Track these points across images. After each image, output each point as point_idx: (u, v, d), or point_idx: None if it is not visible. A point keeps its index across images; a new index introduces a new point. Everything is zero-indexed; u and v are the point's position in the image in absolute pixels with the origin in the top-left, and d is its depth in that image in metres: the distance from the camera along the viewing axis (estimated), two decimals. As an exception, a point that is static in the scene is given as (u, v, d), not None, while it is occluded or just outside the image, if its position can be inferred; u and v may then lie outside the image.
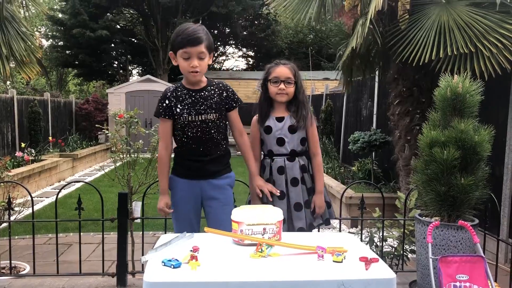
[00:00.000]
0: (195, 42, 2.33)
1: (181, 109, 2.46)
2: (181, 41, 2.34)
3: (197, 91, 2.48)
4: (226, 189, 2.55)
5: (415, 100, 4.84)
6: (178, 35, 2.37)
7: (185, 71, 2.41)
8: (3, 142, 8.80)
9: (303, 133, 2.71)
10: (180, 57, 2.39)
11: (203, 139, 2.48)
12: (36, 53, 6.29)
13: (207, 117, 2.46)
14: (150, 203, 4.47)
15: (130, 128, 3.53)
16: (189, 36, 2.33)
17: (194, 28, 2.37)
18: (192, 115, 2.46)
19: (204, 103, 2.47)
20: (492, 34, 3.81)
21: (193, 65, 2.36)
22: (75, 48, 18.56)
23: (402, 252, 3.37)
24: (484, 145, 2.56)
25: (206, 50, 2.38)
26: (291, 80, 2.66)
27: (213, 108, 2.47)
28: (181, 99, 2.48)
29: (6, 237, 3.60)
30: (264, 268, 1.63)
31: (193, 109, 2.46)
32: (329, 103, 9.79)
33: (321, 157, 2.80)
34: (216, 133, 2.50)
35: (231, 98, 2.53)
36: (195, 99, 2.47)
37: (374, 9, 3.96)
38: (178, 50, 2.37)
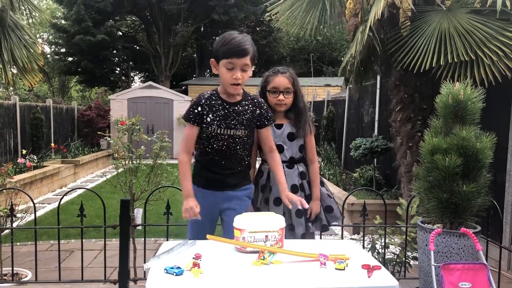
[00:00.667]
0: (242, 54, 2.25)
1: (212, 119, 2.37)
2: (227, 51, 2.25)
3: (231, 104, 2.39)
4: (243, 200, 2.50)
5: (416, 106, 4.85)
6: (224, 44, 2.27)
7: (227, 82, 2.31)
8: (5, 149, 8.82)
9: (301, 141, 2.71)
10: (223, 66, 2.29)
11: (227, 154, 2.42)
12: (38, 61, 6.33)
13: (235, 133, 2.39)
14: (152, 209, 4.48)
15: (132, 135, 3.53)
16: (236, 47, 2.24)
17: (241, 39, 2.28)
18: (222, 128, 2.37)
19: (236, 118, 2.39)
20: (492, 42, 3.82)
21: (236, 76, 2.27)
22: (77, 55, 18.64)
23: (404, 259, 3.36)
24: (486, 152, 2.56)
25: (250, 62, 2.30)
26: (290, 90, 2.65)
27: (244, 124, 2.40)
28: (214, 109, 2.38)
29: (8, 243, 3.61)
30: (266, 275, 1.63)
31: (224, 122, 2.38)
32: (331, 109, 9.80)
33: (318, 164, 2.80)
34: (242, 149, 2.44)
35: (264, 116, 2.45)
36: (228, 112, 2.38)
37: (374, 17, 3.98)
38: (222, 59, 2.27)
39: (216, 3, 17.92)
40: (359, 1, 4.50)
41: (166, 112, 14.65)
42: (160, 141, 3.53)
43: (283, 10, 4.99)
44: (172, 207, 3.41)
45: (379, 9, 3.95)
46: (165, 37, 19.52)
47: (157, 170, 3.56)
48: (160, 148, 3.52)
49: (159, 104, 14.58)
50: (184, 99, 14.91)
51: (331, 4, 4.67)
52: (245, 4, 18.71)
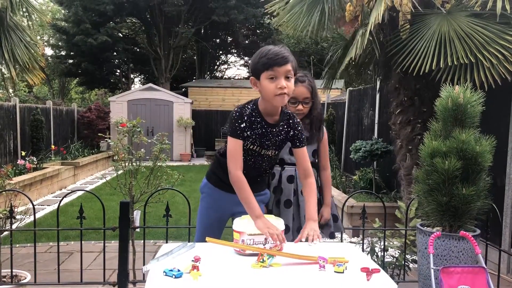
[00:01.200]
0: (283, 62, 2.14)
1: (249, 136, 2.29)
2: (267, 61, 2.13)
3: (270, 125, 2.30)
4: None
5: (416, 109, 4.85)
6: (262, 56, 2.17)
7: (271, 94, 2.15)
8: (5, 150, 8.82)
9: (315, 146, 2.73)
10: (264, 79, 2.16)
11: (251, 167, 2.38)
12: (39, 61, 6.35)
13: (266, 152, 2.36)
14: (151, 212, 4.48)
15: (133, 137, 3.54)
16: (276, 56, 2.13)
17: (279, 49, 2.18)
18: (255, 146, 2.33)
19: (271, 139, 2.33)
20: (492, 45, 3.83)
21: (281, 85, 2.12)
22: (77, 57, 18.66)
23: (403, 262, 3.36)
24: (485, 156, 2.57)
25: (293, 70, 2.18)
26: (308, 100, 2.65)
27: (276, 145, 2.36)
28: (254, 126, 2.29)
29: (7, 245, 3.61)
30: (265, 278, 1.63)
31: (259, 141, 2.31)
32: (331, 112, 9.81)
33: (330, 171, 2.81)
34: (267, 165, 2.43)
35: (296, 137, 2.35)
36: (265, 132, 2.31)
37: (374, 21, 3.98)
38: (263, 72, 2.15)
39: (216, 5, 17.94)
40: (359, 4, 4.51)
41: (166, 114, 14.66)
42: (160, 143, 3.53)
43: (284, 13, 4.99)
44: (171, 209, 3.41)
45: (380, 13, 3.95)
46: (165, 39, 19.54)
47: (157, 172, 3.56)
48: (160, 150, 3.52)
49: (159, 106, 14.60)
50: (184, 101, 14.92)
51: (330, 9, 4.67)
52: (245, 6, 18.74)
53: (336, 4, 4.74)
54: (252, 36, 22.75)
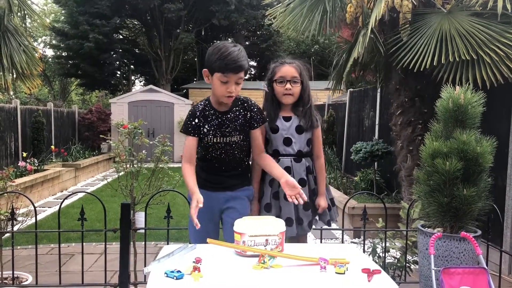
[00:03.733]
0: (238, 70, 2.27)
1: (208, 130, 2.44)
2: (224, 66, 2.25)
3: (223, 113, 2.45)
4: (243, 199, 2.54)
5: (417, 110, 4.85)
6: (220, 58, 2.25)
7: (221, 95, 2.35)
8: (6, 152, 8.82)
9: (309, 134, 2.71)
10: (217, 79, 2.31)
11: (226, 160, 2.49)
12: (37, 66, 6.35)
13: (231, 139, 2.45)
14: (152, 213, 4.48)
15: (134, 138, 3.54)
16: (233, 63, 2.24)
17: (237, 54, 2.27)
18: (218, 137, 2.44)
19: (230, 126, 2.45)
20: (494, 43, 3.83)
21: (231, 90, 2.31)
22: (77, 58, 18.67)
23: (404, 263, 3.36)
24: (486, 156, 2.57)
25: (243, 76, 2.34)
26: (297, 79, 2.64)
27: (238, 130, 2.46)
28: (209, 119, 2.45)
29: (8, 247, 3.61)
30: (266, 279, 1.63)
31: (219, 131, 2.44)
32: (332, 113, 9.81)
33: (323, 159, 2.81)
34: (239, 152, 2.50)
35: (254, 118, 2.48)
36: (222, 121, 2.45)
37: (375, 19, 3.99)
38: (217, 72, 2.29)
39: (217, 9, 17.95)
40: (360, 5, 4.51)
41: (167, 115, 14.66)
42: (162, 145, 3.53)
43: (284, 16, 4.99)
44: (172, 211, 3.41)
45: (380, 11, 3.96)
46: (166, 41, 19.56)
47: (158, 174, 3.56)
48: (161, 152, 3.52)
49: (159, 107, 14.61)
50: (185, 102, 14.93)
51: (330, 10, 4.67)
52: (246, 8, 18.74)
53: (336, 5, 4.74)
54: (253, 38, 22.76)
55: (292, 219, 2.64)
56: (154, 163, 3.56)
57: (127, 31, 22.31)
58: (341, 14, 4.83)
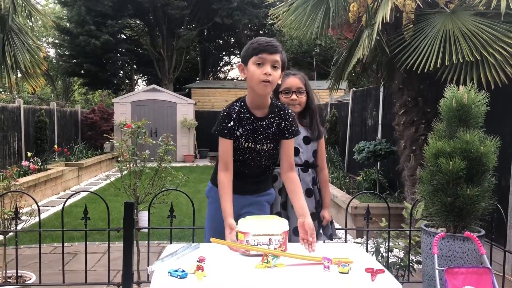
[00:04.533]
0: (272, 50, 2.19)
1: (241, 134, 2.31)
2: (257, 47, 2.19)
3: (259, 119, 2.32)
4: (263, 205, 2.47)
5: (420, 110, 4.85)
6: (253, 42, 2.23)
7: (257, 80, 2.18)
8: (9, 151, 8.85)
9: (315, 145, 2.76)
10: (252, 64, 2.19)
11: (251, 165, 2.38)
12: (41, 65, 6.36)
13: (262, 147, 2.35)
14: (155, 213, 4.48)
15: (137, 138, 3.54)
16: (267, 43, 2.19)
17: (270, 39, 2.25)
18: (250, 142, 2.33)
19: (263, 133, 2.33)
20: (497, 43, 3.82)
21: (267, 71, 2.16)
22: (80, 57, 18.71)
23: (408, 263, 3.35)
24: (489, 156, 2.56)
25: (280, 61, 2.22)
26: (302, 90, 2.69)
27: (269, 138, 2.34)
28: (244, 123, 2.31)
29: (12, 246, 3.62)
30: (270, 278, 1.63)
31: (252, 137, 2.32)
32: (334, 113, 9.80)
33: (327, 171, 2.85)
34: (266, 160, 2.40)
35: (287, 128, 2.35)
36: (256, 127, 2.32)
37: (381, 20, 3.97)
38: (252, 57, 2.20)
39: (219, 7, 17.95)
40: (363, 5, 4.50)
41: (169, 115, 14.68)
42: (165, 145, 3.53)
43: (287, 15, 4.99)
44: (175, 210, 3.41)
45: (386, 12, 3.94)
46: (169, 41, 19.57)
47: (161, 173, 3.56)
48: (165, 152, 3.52)
49: (162, 107, 14.62)
50: (188, 102, 14.94)
51: (334, 9, 4.66)
52: (248, 7, 18.74)
53: (340, 4, 4.73)
54: (255, 37, 22.75)
55: None
56: (157, 163, 3.57)
57: (130, 31, 22.33)
58: (344, 13, 4.82)
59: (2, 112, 8.58)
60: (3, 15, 5.92)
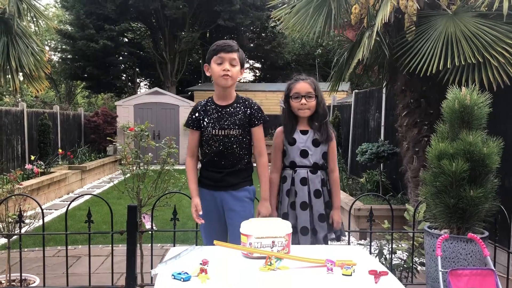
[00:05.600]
0: (229, 49, 2.53)
1: (207, 123, 2.61)
2: (216, 48, 2.55)
3: (223, 107, 2.62)
4: (245, 202, 2.64)
5: (423, 111, 4.84)
6: (213, 45, 2.58)
7: (217, 76, 2.54)
8: (13, 155, 8.88)
9: (325, 148, 2.79)
10: (214, 63, 2.55)
11: (224, 153, 2.61)
12: (45, 68, 6.40)
13: (229, 132, 2.59)
14: (158, 215, 4.49)
15: (140, 141, 3.55)
16: (224, 44, 2.55)
17: (226, 40, 2.61)
18: (216, 129, 2.59)
19: (229, 119, 2.60)
20: (499, 45, 3.81)
21: (225, 68, 2.51)
22: (83, 61, 18.75)
23: (411, 265, 3.35)
24: (493, 157, 2.56)
25: (238, 59, 2.55)
26: (311, 94, 2.75)
27: (237, 124, 2.60)
28: (209, 113, 2.63)
29: (16, 249, 3.63)
30: (273, 281, 1.63)
31: (218, 124, 2.59)
32: (337, 115, 9.80)
33: (338, 173, 2.88)
34: (239, 148, 2.62)
35: (254, 116, 2.63)
36: (221, 114, 2.61)
37: (381, 21, 3.98)
38: (213, 57, 2.55)
39: (221, 9, 17.97)
40: (365, 6, 4.51)
41: (172, 118, 14.69)
42: (168, 147, 3.54)
43: (289, 17, 4.99)
44: (178, 213, 3.42)
45: (386, 13, 3.95)
46: (171, 44, 19.60)
47: (164, 176, 3.57)
48: (167, 154, 3.53)
49: (165, 110, 14.64)
50: (190, 104, 14.94)
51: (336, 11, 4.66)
52: (250, 9, 18.75)
53: (342, 6, 4.74)
54: (257, 40, 22.75)
55: (308, 228, 2.72)
56: (160, 165, 3.58)
57: (132, 34, 22.38)
58: (346, 15, 4.82)
59: (5, 115, 8.61)
60: (7, 19, 5.95)
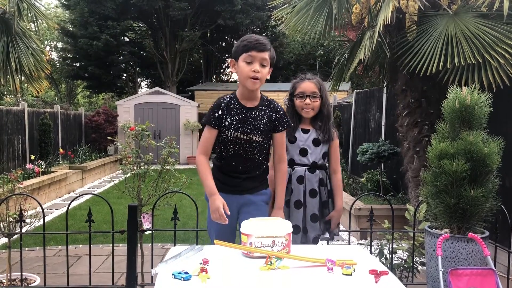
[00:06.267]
0: (261, 48, 2.31)
1: (230, 123, 2.40)
2: (247, 44, 2.31)
3: (249, 109, 2.42)
4: (261, 205, 2.51)
5: (423, 111, 4.84)
6: (244, 40, 2.35)
7: (245, 76, 2.32)
8: (14, 154, 8.89)
9: (326, 148, 2.78)
10: (242, 61, 2.33)
11: (243, 158, 2.44)
12: (45, 69, 6.40)
13: (252, 138, 2.41)
14: (159, 215, 4.49)
15: (141, 140, 3.55)
16: (256, 41, 2.32)
17: (259, 37, 2.37)
18: (238, 132, 2.40)
19: (253, 123, 2.41)
20: (500, 45, 3.81)
21: (255, 69, 2.30)
22: (84, 60, 18.77)
23: (412, 265, 3.35)
24: (493, 157, 2.56)
25: (269, 59, 2.35)
26: (316, 94, 2.74)
27: (260, 129, 2.42)
28: (233, 113, 2.41)
29: (17, 248, 3.64)
30: (273, 280, 1.64)
31: (241, 127, 2.40)
32: (338, 114, 9.79)
33: (341, 174, 2.86)
34: (258, 154, 2.45)
35: (279, 121, 2.45)
36: (245, 117, 2.41)
37: (383, 22, 3.97)
38: (242, 54, 2.32)
39: (222, 9, 17.98)
40: (366, 6, 4.51)
41: (173, 117, 14.70)
42: (169, 147, 3.54)
43: (290, 18, 4.99)
44: (179, 212, 3.42)
45: (388, 14, 3.94)
46: (172, 43, 19.60)
47: (165, 175, 3.57)
48: (168, 154, 3.53)
49: (166, 109, 14.65)
50: (191, 104, 14.96)
51: (336, 11, 4.66)
52: (251, 9, 18.75)
53: (343, 6, 4.74)
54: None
55: (300, 227, 2.71)
56: (161, 165, 3.58)
57: (133, 34, 22.39)
58: (347, 15, 4.82)
59: (6, 115, 8.62)
60: (7, 19, 5.95)
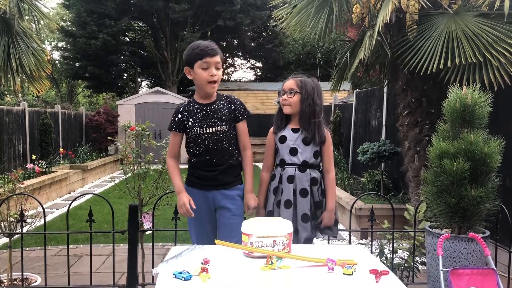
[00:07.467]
0: (213, 53, 2.51)
1: (193, 123, 2.60)
2: (200, 52, 2.50)
3: (207, 105, 2.61)
4: (237, 200, 2.65)
5: (424, 111, 4.84)
6: (195, 48, 2.53)
7: (204, 81, 2.53)
8: (14, 154, 8.89)
9: (317, 147, 2.74)
10: (198, 68, 2.52)
11: (215, 150, 2.60)
12: (46, 68, 6.40)
13: (217, 129, 2.59)
14: (159, 215, 4.49)
15: (142, 140, 3.56)
16: (207, 48, 2.51)
17: (208, 43, 2.56)
18: (203, 128, 2.59)
19: (214, 116, 2.60)
20: (500, 45, 3.81)
21: (212, 73, 2.50)
22: (84, 60, 18.78)
23: (412, 264, 3.35)
24: (494, 157, 2.56)
25: (221, 61, 2.55)
26: (293, 90, 2.71)
27: (223, 120, 2.60)
28: (193, 113, 2.61)
29: (18, 248, 3.64)
30: (274, 280, 1.64)
31: (204, 122, 2.59)
32: (338, 114, 9.80)
33: (334, 174, 2.81)
34: (228, 144, 2.62)
35: (238, 111, 2.66)
36: (206, 113, 2.60)
37: (382, 21, 3.98)
38: (197, 61, 2.51)
39: (222, 9, 17.98)
40: (366, 6, 4.51)
41: (173, 117, 14.70)
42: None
43: (291, 18, 4.99)
44: (180, 212, 3.42)
45: (387, 13, 3.94)
46: (172, 43, 19.61)
47: (166, 175, 3.57)
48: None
49: (166, 109, 14.65)
50: (192, 104, 14.95)
51: (337, 11, 4.65)
52: (251, 9, 18.75)
53: (343, 6, 4.74)
54: (258, 39, 22.75)
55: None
56: (161, 165, 3.58)
57: (134, 33, 22.40)
58: (347, 14, 4.82)
59: (7, 115, 8.63)
60: (8, 19, 5.95)
